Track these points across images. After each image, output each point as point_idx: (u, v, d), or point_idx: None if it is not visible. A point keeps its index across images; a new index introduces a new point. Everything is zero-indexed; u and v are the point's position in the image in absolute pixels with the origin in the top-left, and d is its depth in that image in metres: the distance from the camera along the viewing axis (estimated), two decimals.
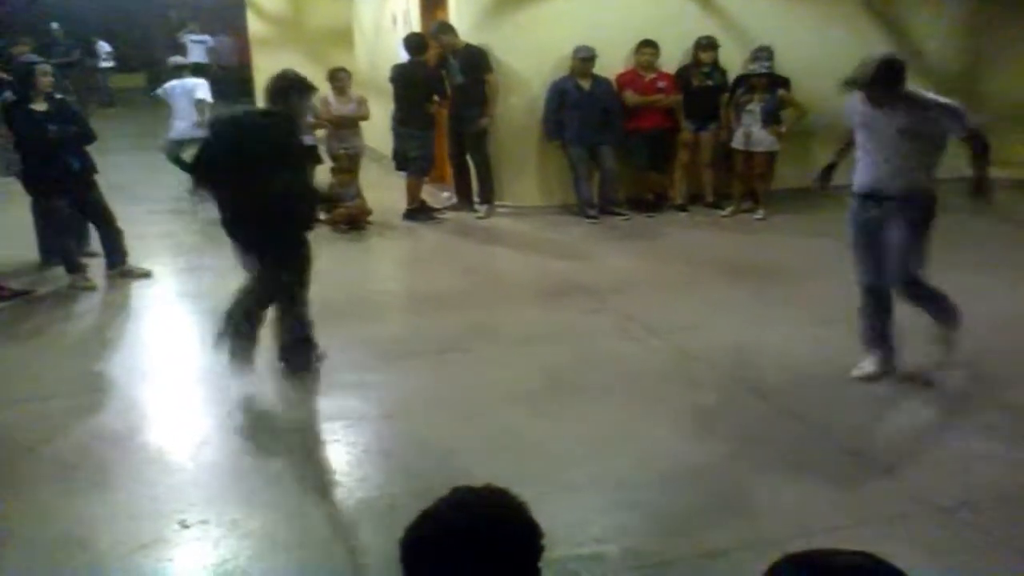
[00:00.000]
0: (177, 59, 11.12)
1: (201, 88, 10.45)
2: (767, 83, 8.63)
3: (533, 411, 4.75)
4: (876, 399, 4.80)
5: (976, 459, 4.13)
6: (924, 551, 3.38)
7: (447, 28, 9.04)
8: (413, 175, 9.13)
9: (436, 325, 6.12)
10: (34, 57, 7.86)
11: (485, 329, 6.06)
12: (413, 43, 9.07)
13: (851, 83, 4.76)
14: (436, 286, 7.06)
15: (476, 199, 9.41)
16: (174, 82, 10.55)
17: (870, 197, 4.90)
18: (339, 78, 9.07)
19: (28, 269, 7.45)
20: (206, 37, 18.79)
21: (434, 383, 5.12)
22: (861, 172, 4.93)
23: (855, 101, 4.88)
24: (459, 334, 5.91)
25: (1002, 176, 10.15)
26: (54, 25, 9.20)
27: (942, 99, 4.80)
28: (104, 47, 20.04)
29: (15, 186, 7.28)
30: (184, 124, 10.29)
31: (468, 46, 8.92)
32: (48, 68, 6.85)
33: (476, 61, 8.89)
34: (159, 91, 10.70)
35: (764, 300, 6.44)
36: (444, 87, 9.01)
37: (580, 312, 6.36)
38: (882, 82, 4.66)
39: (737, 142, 8.84)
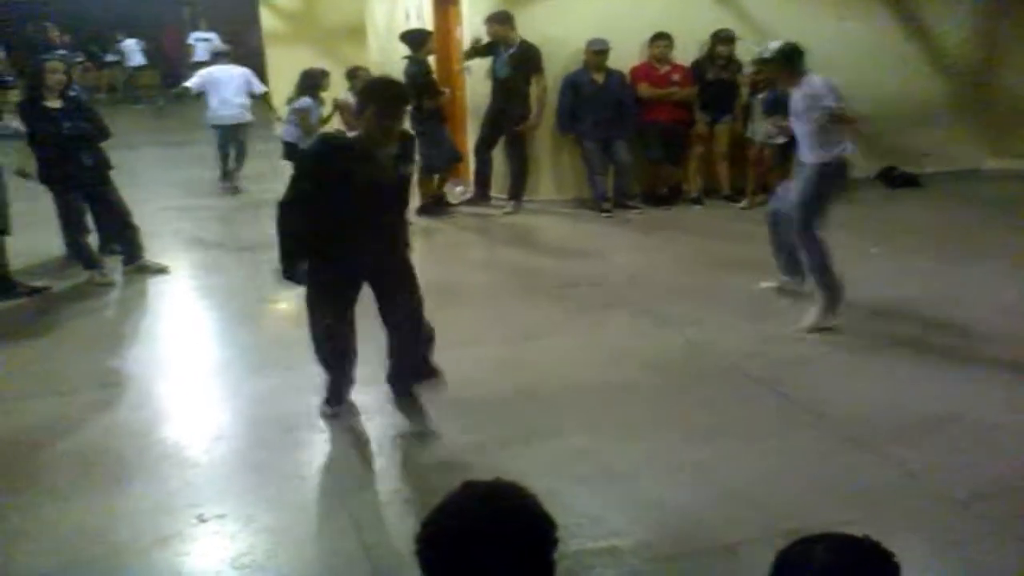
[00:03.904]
0: (220, 45, 11.14)
1: (252, 77, 10.47)
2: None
3: (545, 405, 4.76)
4: (888, 391, 4.79)
5: (989, 451, 4.12)
6: (938, 544, 3.37)
7: (504, 18, 8.83)
8: (421, 171, 9.13)
9: (447, 319, 6.07)
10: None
11: (497, 323, 6.07)
12: (409, 39, 8.98)
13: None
14: (448, 280, 7.05)
15: (495, 194, 9.40)
16: (216, 67, 10.58)
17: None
18: (359, 77, 8.94)
19: (46, 265, 7.49)
20: (212, 35, 18.87)
21: (447, 377, 5.11)
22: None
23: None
24: (470, 328, 5.91)
25: (1020, 167, 10.14)
26: None
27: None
28: (130, 44, 20.16)
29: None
30: (231, 109, 10.37)
31: (524, 42, 8.83)
32: (59, 65, 6.87)
33: (528, 59, 8.80)
34: (196, 81, 10.61)
35: (776, 294, 6.42)
36: (431, 86, 8.91)
37: (593, 306, 6.36)
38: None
39: (750, 132, 8.87)
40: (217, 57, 10.97)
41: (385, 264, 4.35)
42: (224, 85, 10.35)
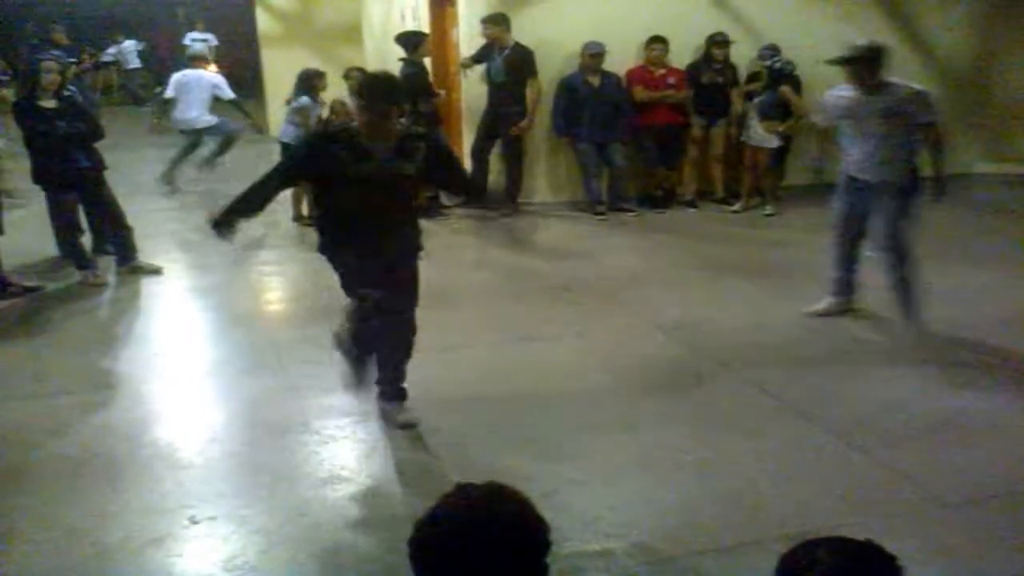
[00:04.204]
0: (197, 49, 11.22)
1: (221, 84, 10.51)
2: (768, 79, 8.61)
3: (541, 406, 4.75)
4: (884, 395, 4.79)
5: (983, 456, 4.12)
6: (930, 548, 3.37)
7: (499, 20, 8.83)
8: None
9: (443, 321, 6.10)
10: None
11: (492, 324, 6.07)
12: (404, 41, 8.99)
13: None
14: (443, 282, 7.02)
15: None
16: (187, 72, 10.63)
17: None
18: (353, 77, 8.97)
19: (39, 265, 7.47)
20: (208, 35, 18.85)
21: (441, 379, 5.11)
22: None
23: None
24: (466, 330, 5.91)
25: (1012, 171, 10.17)
26: None
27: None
28: (128, 46, 20.13)
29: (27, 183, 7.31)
30: (195, 113, 10.37)
31: (517, 45, 8.84)
32: (54, 66, 6.85)
33: (522, 62, 8.81)
34: (170, 88, 10.70)
35: (772, 296, 6.43)
36: (426, 88, 8.92)
37: (588, 307, 6.36)
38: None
39: (744, 136, 8.87)
40: (192, 61, 11.02)
41: (393, 261, 4.33)
42: (191, 90, 10.42)
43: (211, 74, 10.68)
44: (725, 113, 9.15)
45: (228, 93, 10.60)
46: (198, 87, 10.41)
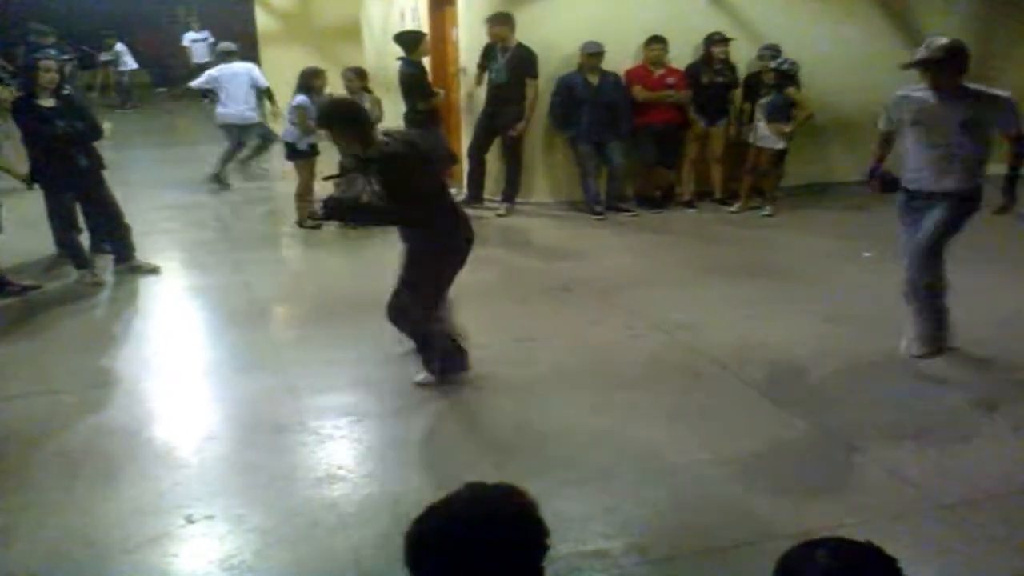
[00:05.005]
0: (227, 45, 11.27)
1: (255, 72, 10.56)
2: (774, 80, 8.61)
3: (537, 408, 4.75)
4: (879, 397, 4.79)
5: (978, 457, 4.13)
6: (926, 549, 3.38)
7: (504, 19, 8.85)
8: None
9: None
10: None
11: (488, 324, 6.05)
12: (402, 40, 8.97)
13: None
14: None
15: (488, 196, 9.39)
16: (222, 66, 10.69)
17: None
18: (347, 78, 8.94)
19: (37, 264, 7.47)
20: (206, 33, 18.81)
21: (439, 380, 5.11)
22: None
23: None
24: (464, 330, 5.90)
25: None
26: None
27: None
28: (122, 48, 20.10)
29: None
30: (239, 108, 10.43)
31: (520, 46, 8.85)
32: (51, 64, 6.84)
33: (523, 63, 8.82)
34: (203, 80, 10.78)
35: (770, 297, 6.43)
36: (424, 87, 8.92)
37: (585, 308, 6.36)
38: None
39: (750, 137, 8.86)
40: (225, 56, 11.04)
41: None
42: (230, 84, 10.45)
43: (246, 65, 10.73)
44: (725, 113, 9.15)
45: (262, 81, 10.65)
46: (237, 80, 10.49)
